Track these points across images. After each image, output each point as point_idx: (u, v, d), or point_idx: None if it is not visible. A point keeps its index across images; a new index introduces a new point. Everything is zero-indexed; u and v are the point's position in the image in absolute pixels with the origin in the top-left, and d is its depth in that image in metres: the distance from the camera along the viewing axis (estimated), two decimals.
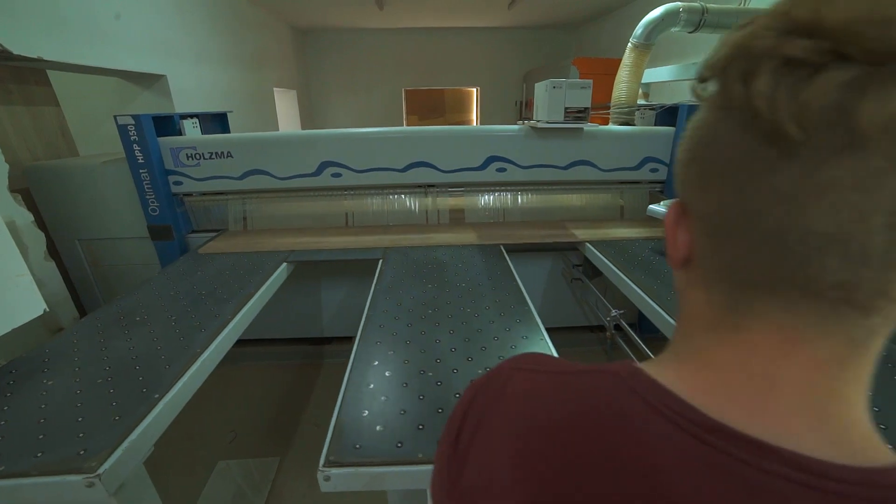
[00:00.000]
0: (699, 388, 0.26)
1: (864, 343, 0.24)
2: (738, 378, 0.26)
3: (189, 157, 2.12)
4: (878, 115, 0.18)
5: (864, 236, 0.20)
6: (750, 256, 0.24)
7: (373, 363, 1.08)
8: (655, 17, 2.23)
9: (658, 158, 2.22)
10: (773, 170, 0.21)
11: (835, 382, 0.24)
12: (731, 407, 0.25)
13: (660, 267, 1.62)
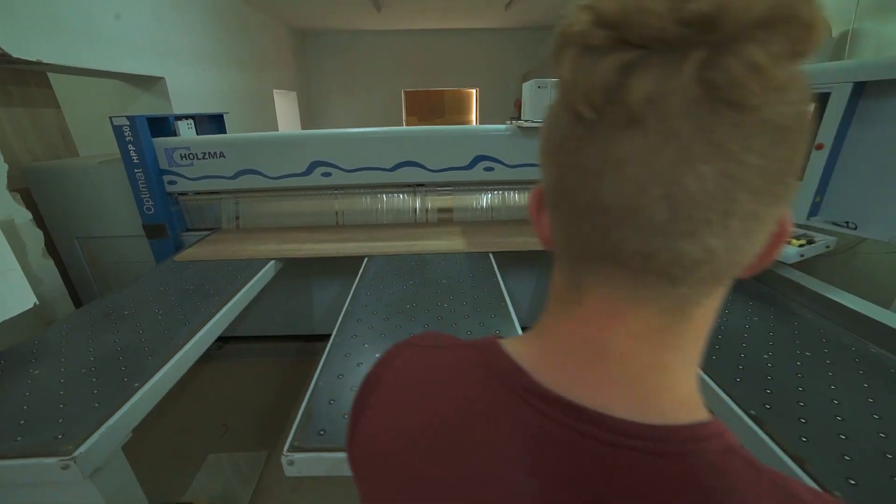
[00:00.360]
0: (541, 358, 0.29)
1: (682, 313, 0.25)
2: (573, 349, 0.28)
3: (183, 157, 2.17)
4: (640, 92, 0.20)
5: (648, 207, 0.22)
6: (575, 232, 0.26)
7: (346, 355, 1.11)
8: None
9: None
10: (580, 147, 0.23)
11: (655, 350, 0.26)
12: (563, 375, 0.27)
13: None
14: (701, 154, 0.20)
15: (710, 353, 1.11)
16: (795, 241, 1.39)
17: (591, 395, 0.26)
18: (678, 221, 0.22)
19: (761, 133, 0.20)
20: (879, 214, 1.36)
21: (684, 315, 0.26)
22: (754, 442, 0.87)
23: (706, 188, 0.21)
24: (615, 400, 0.26)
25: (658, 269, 0.24)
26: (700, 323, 0.27)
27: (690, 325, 0.26)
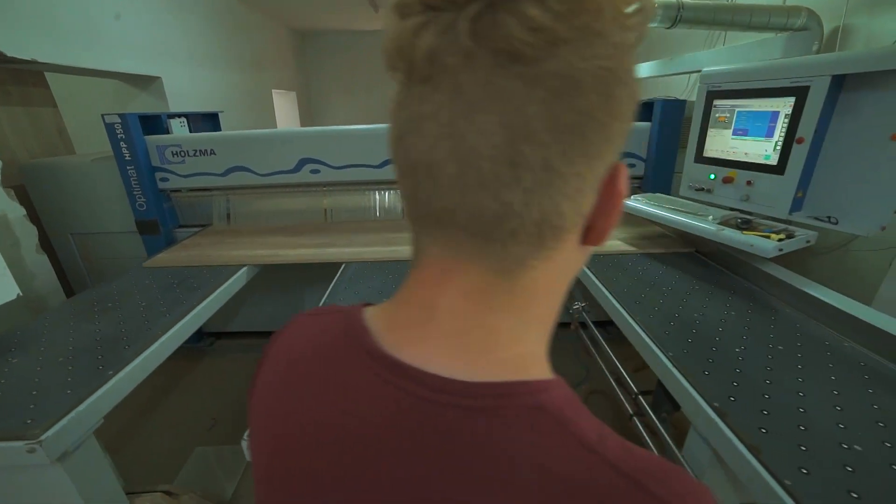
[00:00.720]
0: (386, 321, 0.30)
1: (509, 274, 0.26)
2: (409, 310, 0.28)
3: (174, 155, 2.20)
4: (423, 48, 0.21)
5: (441, 162, 0.22)
6: (405, 193, 0.26)
7: None
8: None
9: (634, 153, 2.22)
10: (398, 108, 0.24)
11: (481, 310, 0.26)
12: (397, 335, 0.28)
13: (663, 294, 1.48)
14: (483, 106, 0.21)
15: (682, 347, 1.11)
16: (774, 235, 1.39)
17: (417, 354, 0.27)
18: (468, 175, 0.22)
19: (545, 85, 0.21)
20: (860, 209, 1.35)
21: (512, 276, 0.26)
22: (715, 432, 0.87)
23: (490, 140, 0.21)
24: (439, 358, 0.26)
25: (466, 226, 0.24)
26: (534, 287, 0.27)
27: (521, 288, 0.26)
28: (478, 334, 0.27)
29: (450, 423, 0.24)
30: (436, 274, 0.27)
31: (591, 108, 0.22)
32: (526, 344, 0.28)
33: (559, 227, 0.25)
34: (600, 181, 0.25)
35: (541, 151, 0.22)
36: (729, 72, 1.60)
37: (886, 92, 1.24)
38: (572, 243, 0.27)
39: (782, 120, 1.45)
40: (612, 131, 0.23)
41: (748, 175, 1.58)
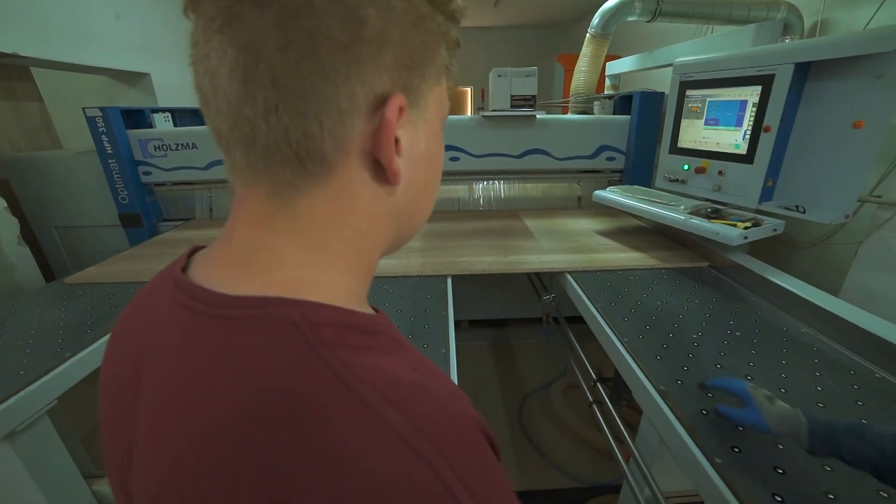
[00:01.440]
0: (203, 255, 0.31)
1: (287, 198, 0.27)
2: (219, 241, 0.30)
3: (157, 149, 2.22)
4: None
5: (201, 84, 0.25)
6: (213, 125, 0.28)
7: None
8: (610, 6, 2.24)
9: (614, 147, 2.22)
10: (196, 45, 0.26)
11: (262, 233, 0.28)
12: (201, 263, 0.30)
13: (629, 283, 1.41)
14: (219, 27, 0.23)
15: (638, 333, 1.11)
16: (741, 223, 1.38)
17: (208, 276, 0.28)
18: (217, 95, 0.24)
19: (277, 4, 0.22)
20: (825, 197, 1.34)
21: (289, 201, 0.27)
22: (658, 415, 0.87)
23: (225, 60, 0.23)
24: (225, 279, 0.28)
25: (239, 149, 0.26)
26: (315, 213, 0.28)
27: (301, 213, 0.28)
28: (261, 257, 0.28)
29: (215, 333, 0.26)
30: (235, 203, 0.29)
31: (328, 29, 0.23)
32: (312, 268, 0.28)
33: (317, 151, 0.26)
34: (368, 107, 0.26)
35: (270, 70, 0.23)
36: (699, 62, 1.60)
37: (848, 80, 1.24)
38: (352, 174, 0.28)
39: (750, 109, 1.45)
40: (361, 53, 0.24)
41: (720, 165, 1.58)
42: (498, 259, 1.56)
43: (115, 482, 0.31)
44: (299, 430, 0.21)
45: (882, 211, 1.37)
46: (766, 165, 1.43)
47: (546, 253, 1.63)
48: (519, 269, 1.50)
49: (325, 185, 0.27)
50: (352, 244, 0.30)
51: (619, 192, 1.82)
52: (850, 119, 1.24)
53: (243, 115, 0.24)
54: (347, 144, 0.26)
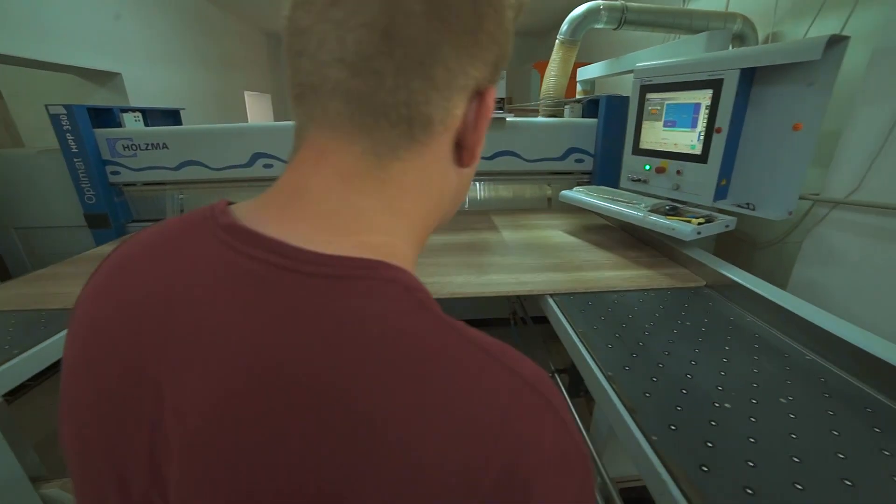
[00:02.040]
0: (256, 204, 0.29)
1: (383, 159, 0.27)
2: (280, 192, 0.29)
3: (125, 148, 2.19)
4: None
5: (321, 32, 0.25)
6: (291, 69, 0.28)
7: None
8: (578, 14, 2.32)
9: (583, 149, 2.28)
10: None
11: (350, 192, 0.27)
12: (261, 214, 0.28)
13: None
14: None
15: (592, 324, 1.14)
16: (695, 220, 1.44)
17: (280, 230, 0.26)
18: (340, 42, 0.25)
19: None
20: (772, 195, 1.42)
21: (384, 163, 0.28)
22: (604, 398, 0.90)
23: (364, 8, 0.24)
24: (303, 234, 0.26)
25: (342, 99, 0.26)
26: (404, 180, 0.29)
27: (392, 178, 0.28)
28: (347, 215, 0.28)
29: (303, 288, 0.24)
30: (313, 156, 0.28)
31: (461, 11, 0.25)
32: (394, 235, 0.29)
33: (428, 118, 0.27)
34: (471, 91, 0.28)
35: (414, 30, 0.24)
36: (657, 67, 1.67)
37: (786, 86, 1.32)
38: (443, 149, 0.30)
39: (703, 111, 1.52)
40: (481, 41, 0.26)
41: (678, 165, 1.65)
42: (470, 280, 1.39)
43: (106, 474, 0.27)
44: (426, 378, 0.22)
45: (819, 208, 1.45)
46: (719, 165, 1.50)
47: (525, 271, 1.46)
48: (494, 291, 1.32)
49: (421, 154, 0.28)
50: (425, 216, 0.31)
51: (585, 192, 1.88)
52: (790, 122, 1.31)
53: (372, 67, 0.24)
54: (450, 120, 0.28)
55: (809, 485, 0.66)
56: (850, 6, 1.71)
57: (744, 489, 0.65)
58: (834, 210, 1.41)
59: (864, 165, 1.30)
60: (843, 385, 0.89)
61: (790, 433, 0.75)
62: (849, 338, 0.94)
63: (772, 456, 0.71)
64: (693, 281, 1.39)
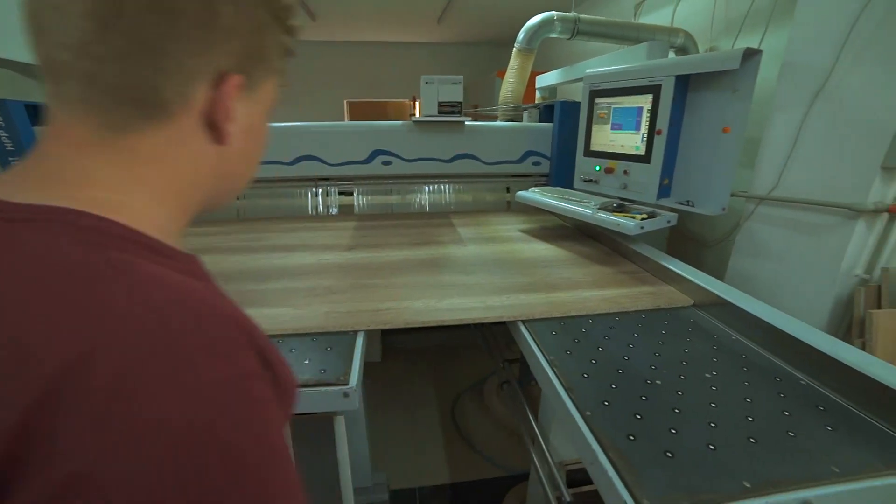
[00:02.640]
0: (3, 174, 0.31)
1: (117, 130, 0.30)
2: (25, 160, 0.31)
3: None
4: None
5: (68, 24, 0.26)
6: (34, 52, 0.29)
7: None
8: (534, 23, 2.42)
9: (539, 152, 2.37)
10: None
11: (83, 157, 0.30)
12: (3, 179, 0.30)
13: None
14: None
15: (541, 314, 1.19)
16: (639, 216, 1.52)
17: (9, 191, 0.28)
18: (61, 27, 0.27)
19: None
20: (708, 193, 1.52)
21: (121, 136, 0.30)
22: (545, 380, 0.93)
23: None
24: (22, 190, 0.28)
25: (74, 78, 0.28)
26: (140, 149, 0.31)
27: (128, 148, 0.31)
28: (72, 176, 0.30)
29: (11, 234, 0.26)
30: (54, 130, 0.31)
31: (188, 8, 0.28)
32: (120, 194, 0.31)
33: (161, 100, 0.30)
34: (212, 77, 0.31)
35: (135, 20, 0.26)
36: (604, 73, 1.77)
37: (715, 92, 1.42)
38: (189, 128, 0.32)
39: (645, 114, 1.61)
40: (215, 35, 0.29)
41: (625, 165, 1.74)
42: (430, 304, 1.19)
43: None
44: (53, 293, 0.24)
45: (749, 204, 1.57)
46: (661, 165, 1.59)
47: (492, 293, 1.26)
48: (457, 319, 1.12)
49: (159, 129, 0.31)
50: (172, 185, 0.34)
51: (540, 193, 1.94)
52: (720, 125, 1.42)
53: (92, 52, 0.27)
54: (190, 102, 0.31)
55: (721, 445, 0.71)
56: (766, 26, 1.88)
57: (664, 453, 0.70)
58: (760, 206, 1.52)
59: (781, 165, 1.42)
60: (759, 359, 0.96)
61: (710, 402, 0.81)
62: (764, 316, 1.02)
63: (692, 423, 0.76)
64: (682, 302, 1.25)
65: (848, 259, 1.23)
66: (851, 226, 1.21)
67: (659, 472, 0.66)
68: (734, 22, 2.20)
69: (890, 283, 1.17)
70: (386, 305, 1.18)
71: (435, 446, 1.91)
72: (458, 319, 1.12)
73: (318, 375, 0.91)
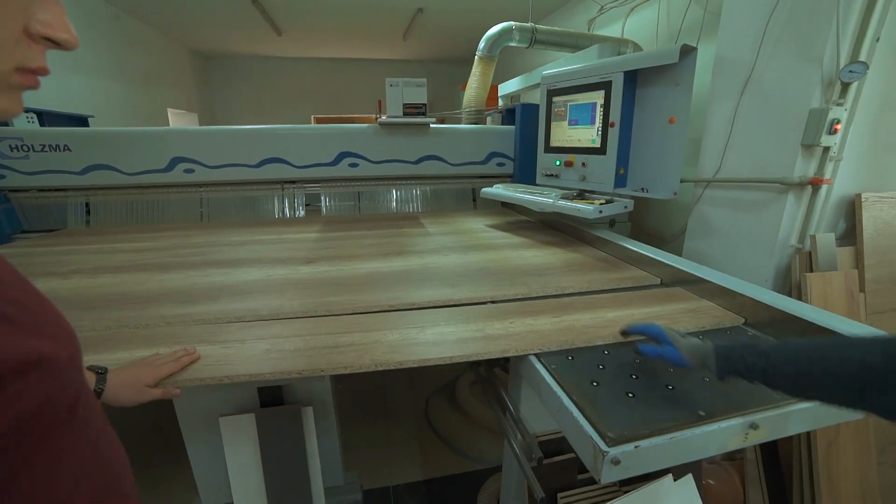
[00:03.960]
0: None
1: None
2: None
3: (14, 149, 1.99)
4: None
5: None
6: None
7: None
8: (493, 33, 2.54)
9: (503, 153, 2.45)
10: None
11: None
12: None
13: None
14: None
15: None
16: (597, 201, 1.60)
17: None
18: None
19: None
20: (659, 179, 1.62)
21: None
22: None
23: None
24: None
25: None
26: None
27: None
28: None
29: None
30: None
31: None
32: None
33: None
34: None
35: None
36: (559, 73, 1.88)
37: (660, 87, 1.54)
38: None
39: (599, 109, 1.72)
40: None
41: (583, 158, 1.83)
42: (409, 336, 0.93)
43: None
44: None
45: (697, 189, 1.68)
46: (616, 155, 1.69)
47: (488, 317, 1.02)
48: (445, 357, 0.85)
49: None
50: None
51: (504, 188, 2.01)
52: (667, 116, 1.53)
53: None
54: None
55: (678, 387, 0.75)
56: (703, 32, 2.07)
57: (626, 394, 0.73)
58: (706, 189, 1.64)
59: (721, 150, 1.55)
60: None
61: None
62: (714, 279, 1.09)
63: (651, 371, 0.80)
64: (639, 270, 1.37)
65: (783, 230, 1.34)
66: (783, 200, 1.33)
67: (621, 409, 0.69)
68: (675, 33, 2.39)
69: (817, 249, 1.28)
70: (349, 339, 0.91)
71: (408, 445, 1.88)
72: (442, 358, 0.85)
73: None
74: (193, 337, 0.93)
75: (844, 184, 1.36)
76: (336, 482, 1.57)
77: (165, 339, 0.91)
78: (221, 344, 0.90)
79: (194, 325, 1.00)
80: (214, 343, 0.90)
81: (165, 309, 1.08)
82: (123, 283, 1.29)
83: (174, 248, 1.68)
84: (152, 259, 1.53)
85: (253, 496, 1.34)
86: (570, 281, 1.25)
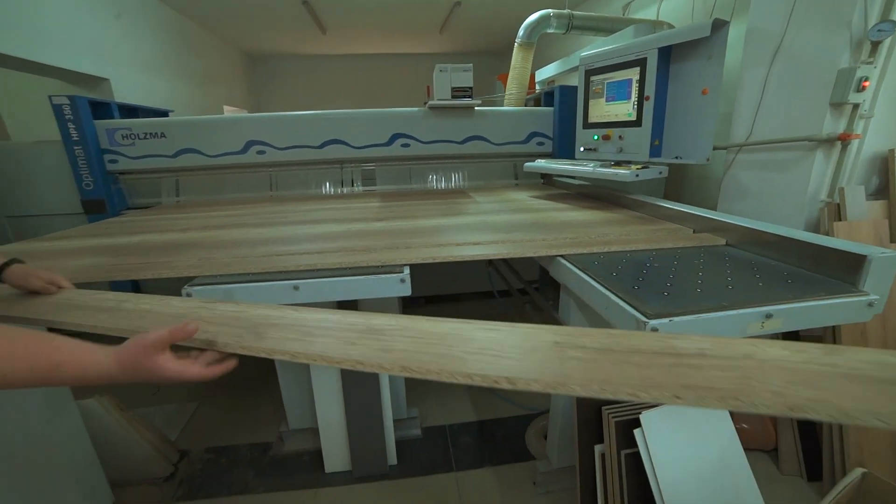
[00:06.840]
0: None
1: None
2: None
3: (124, 138, 2.34)
4: None
5: None
6: None
7: None
8: (532, 20, 2.71)
9: (543, 133, 2.62)
10: None
11: None
12: None
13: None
14: None
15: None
16: (635, 165, 1.76)
17: None
18: None
19: None
20: (693, 147, 1.75)
21: None
22: (560, 267, 1.14)
23: None
24: None
25: None
26: None
27: None
28: None
29: None
30: None
31: None
32: None
33: None
34: None
35: None
36: (596, 54, 2.03)
37: (694, 61, 1.68)
38: None
39: (634, 85, 1.86)
40: None
41: (620, 131, 1.98)
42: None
43: None
44: None
45: (729, 154, 1.81)
46: (651, 127, 1.83)
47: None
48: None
49: None
50: None
51: (547, 162, 2.19)
52: (700, 88, 1.67)
53: None
54: None
55: (705, 290, 0.92)
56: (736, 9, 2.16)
57: (662, 293, 0.91)
58: (739, 154, 1.76)
59: (752, 115, 1.67)
60: (738, 254, 1.18)
61: (698, 276, 1.02)
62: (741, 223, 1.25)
63: (683, 281, 0.97)
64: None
65: (812, 185, 1.46)
66: (812, 157, 1.44)
67: (658, 300, 0.88)
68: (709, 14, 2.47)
69: (846, 200, 1.39)
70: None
71: (462, 391, 2.10)
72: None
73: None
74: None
75: (877, 140, 1.45)
76: (400, 415, 1.81)
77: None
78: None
79: (299, 255, 1.24)
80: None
81: (273, 248, 1.33)
82: (231, 235, 1.56)
83: (260, 214, 1.97)
84: (247, 220, 1.81)
85: (335, 423, 1.59)
86: (610, 230, 1.43)
